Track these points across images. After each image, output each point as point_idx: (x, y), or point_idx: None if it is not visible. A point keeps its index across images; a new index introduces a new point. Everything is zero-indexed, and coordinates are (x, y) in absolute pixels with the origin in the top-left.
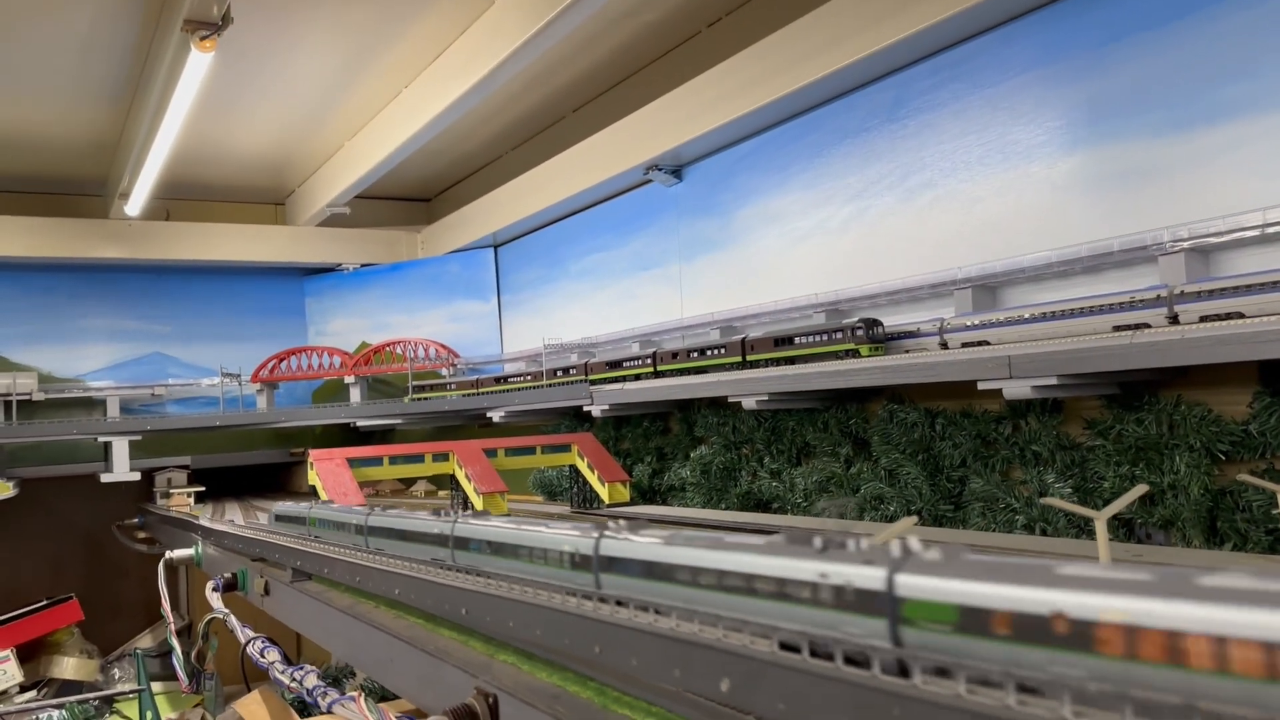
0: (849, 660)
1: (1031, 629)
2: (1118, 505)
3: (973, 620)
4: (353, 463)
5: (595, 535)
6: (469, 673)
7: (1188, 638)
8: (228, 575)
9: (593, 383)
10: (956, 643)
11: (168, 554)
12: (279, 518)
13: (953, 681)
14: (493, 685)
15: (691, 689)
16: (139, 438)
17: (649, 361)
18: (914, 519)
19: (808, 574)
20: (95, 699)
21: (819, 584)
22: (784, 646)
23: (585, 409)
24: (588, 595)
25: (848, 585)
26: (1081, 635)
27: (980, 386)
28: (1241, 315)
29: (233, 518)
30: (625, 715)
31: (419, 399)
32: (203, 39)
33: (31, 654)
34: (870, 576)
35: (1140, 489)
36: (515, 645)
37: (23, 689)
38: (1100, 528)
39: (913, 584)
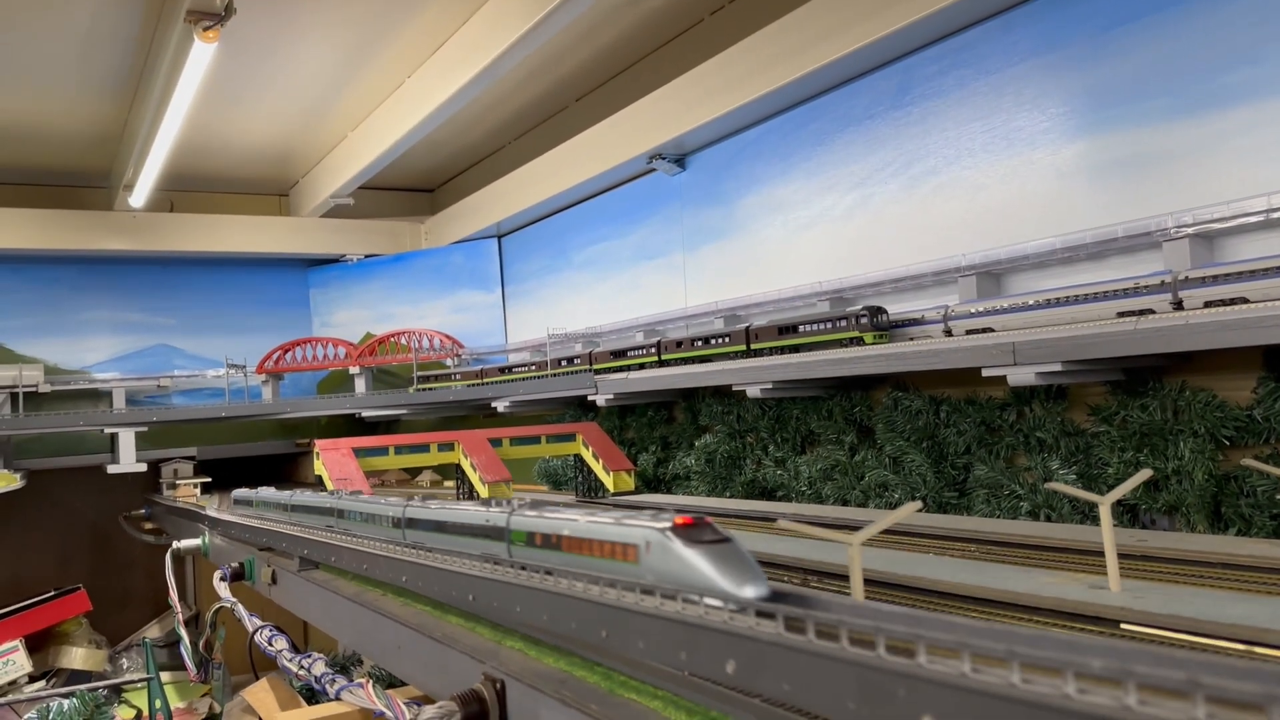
0: (854, 642)
1: (548, 541)
2: (1121, 490)
3: (530, 539)
4: (359, 452)
5: (403, 504)
6: (476, 659)
7: (583, 540)
8: (234, 565)
9: (597, 372)
10: (527, 551)
11: (175, 544)
12: (236, 501)
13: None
14: (500, 671)
15: (698, 672)
16: (145, 429)
17: (653, 351)
18: (918, 504)
19: (480, 519)
20: (104, 688)
21: (484, 525)
22: (788, 628)
23: (590, 398)
24: (399, 543)
25: (493, 524)
26: (558, 542)
27: (984, 373)
28: (1246, 300)
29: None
30: (631, 699)
31: (424, 389)
32: (205, 30)
33: (40, 644)
34: (500, 518)
35: (1144, 474)
36: (522, 631)
37: (32, 679)
38: (1104, 513)
39: (514, 521)
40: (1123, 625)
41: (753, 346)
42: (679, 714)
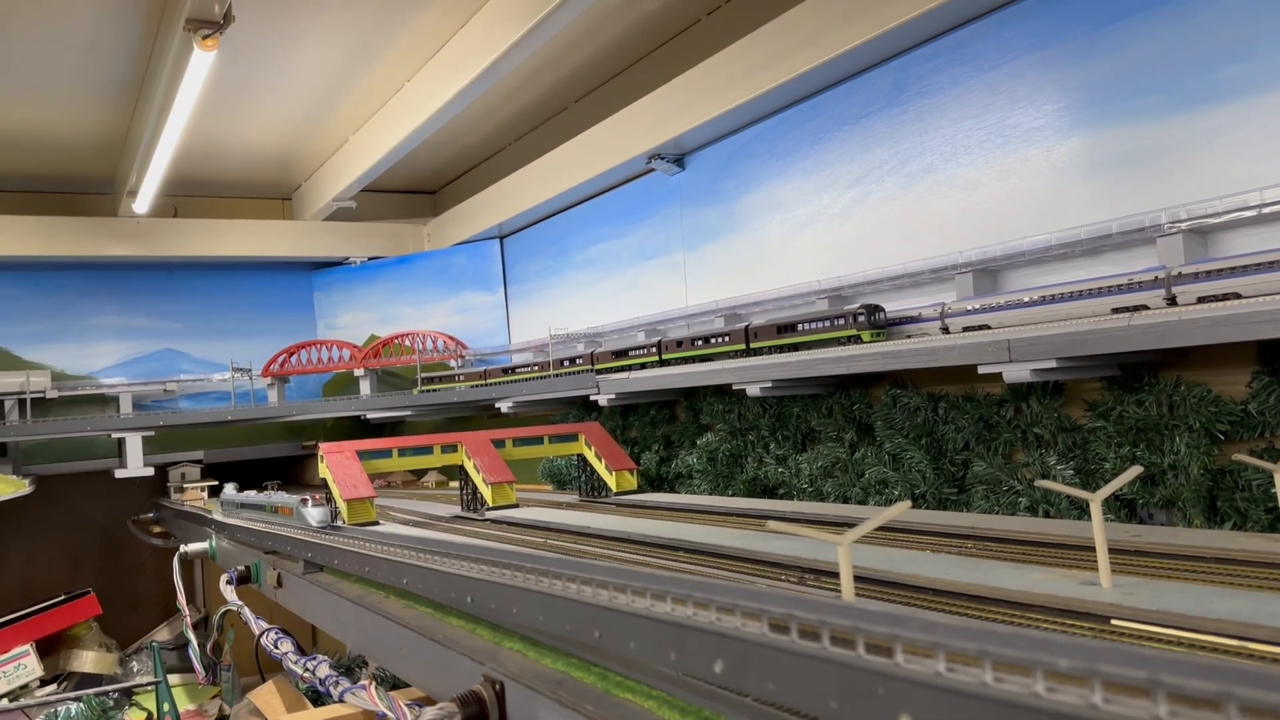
0: (834, 640)
1: (276, 510)
2: (1111, 488)
3: (272, 509)
4: (363, 455)
5: (240, 495)
6: (476, 660)
7: (284, 506)
8: (241, 568)
9: (599, 372)
10: (271, 515)
11: (182, 548)
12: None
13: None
14: (499, 672)
15: (688, 671)
16: (152, 433)
17: (654, 350)
18: (908, 503)
19: (261, 502)
20: (114, 692)
21: (262, 504)
22: (773, 628)
23: (592, 398)
24: (240, 516)
25: (262, 503)
26: (276, 509)
27: (980, 370)
28: (1238, 295)
29: None
30: (627, 699)
31: (428, 391)
32: (205, 38)
33: (51, 648)
34: (266, 500)
35: (1134, 471)
36: (520, 632)
37: (43, 683)
38: (1095, 510)
39: (270, 500)
40: (1113, 621)
41: (752, 345)
42: (673, 714)
